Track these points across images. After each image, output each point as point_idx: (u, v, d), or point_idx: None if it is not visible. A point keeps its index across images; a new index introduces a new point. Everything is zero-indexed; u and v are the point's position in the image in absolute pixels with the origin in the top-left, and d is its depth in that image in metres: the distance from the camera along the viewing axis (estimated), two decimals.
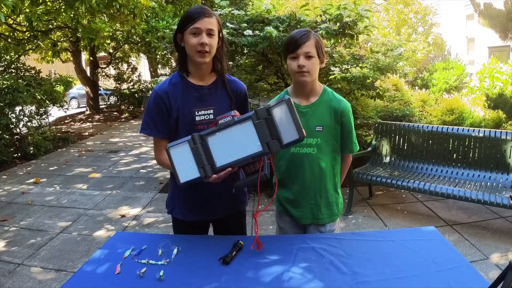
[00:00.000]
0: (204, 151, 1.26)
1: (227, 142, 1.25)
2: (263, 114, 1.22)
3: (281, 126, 1.22)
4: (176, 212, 1.64)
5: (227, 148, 1.26)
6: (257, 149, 1.24)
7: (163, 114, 1.50)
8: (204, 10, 1.45)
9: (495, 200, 2.97)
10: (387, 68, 3.84)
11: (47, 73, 16.17)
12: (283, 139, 1.23)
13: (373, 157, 4.16)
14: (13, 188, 4.80)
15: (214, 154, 1.26)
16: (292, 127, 1.21)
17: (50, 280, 2.63)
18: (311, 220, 1.67)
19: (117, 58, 13.78)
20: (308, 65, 1.52)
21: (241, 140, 1.25)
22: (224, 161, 1.27)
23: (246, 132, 1.23)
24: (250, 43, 3.55)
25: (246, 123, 1.23)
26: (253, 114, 1.23)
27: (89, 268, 1.33)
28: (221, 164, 1.27)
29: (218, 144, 1.26)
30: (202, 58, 1.45)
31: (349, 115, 1.63)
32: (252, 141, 1.24)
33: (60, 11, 6.38)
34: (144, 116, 1.53)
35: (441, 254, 1.37)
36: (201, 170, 1.27)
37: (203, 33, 1.42)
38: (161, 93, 1.50)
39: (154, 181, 5.07)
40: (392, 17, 15.28)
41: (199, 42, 1.42)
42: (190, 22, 1.43)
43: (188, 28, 1.43)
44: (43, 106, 7.39)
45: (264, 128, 1.23)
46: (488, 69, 6.71)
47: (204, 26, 1.42)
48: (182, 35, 1.48)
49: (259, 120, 1.22)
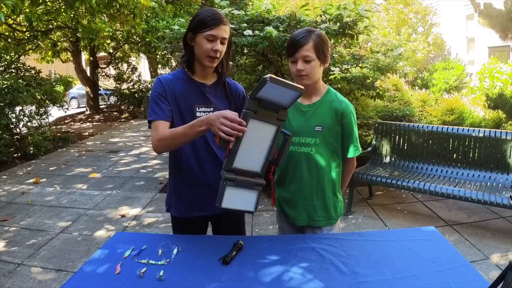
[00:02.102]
0: (242, 173, 1.27)
1: (249, 150, 1.26)
2: (254, 104, 1.22)
3: (276, 98, 1.22)
4: (172, 210, 1.65)
5: (253, 153, 1.28)
6: (273, 131, 1.26)
7: (166, 98, 1.51)
8: (221, 17, 1.47)
9: (495, 200, 2.97)
10: (387, 68, 3.84)
11: (47, 73, 16.18)
12: (284, 105, 1.24)
13: (373, 157, 4.16)
14: (13, 188, 4.80)
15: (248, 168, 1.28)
16: (287, 92, 1.21)
17: (50, 280, 2.63)
18: (307, 222, 1.64)
19: (117, 58, 13.77)
20: (306, 69, 1.51)
21: (257, 137, 1.25)
22: (260, 163, 1.30)
23: (255, 128, 1.24)
24: (250, 43, 3.55)
25: (249, 123, 1.23)
26: (248, 112, 1.22)
27: (89, 268, 1.33)
28: (260, 168, 1.30)
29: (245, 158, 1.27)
30: (211, 63, 1.49)
31: (351, 117, 1.59)
32: (265, 129, 1.25)
33: (60, 11, 6.38)
34: (149, 104, 1.52)
35: (441, 254, 1.37)
36: (254, 188, 1.30)
37: (218, 41, 1.46)
38: (165, 81, 1.53)
39: (154, 181, 5.07)
40: (392, 17, 15.27)
41: (212, 48, 1.45)
42: (207, 27, 1.44)
43: (204, 33, 1.44)
44: (43, 106, 7.39)
45: (264, 113, 1.23)
46: (488, 69, 6.71)
47: (220, 34, 1.45)
48: (193, 36, 1.49)
49: (256, 111, 1.22)
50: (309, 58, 1.50)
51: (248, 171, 1.28)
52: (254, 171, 1.29)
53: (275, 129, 1.25)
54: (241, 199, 1.29)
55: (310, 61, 1.51)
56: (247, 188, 1.28)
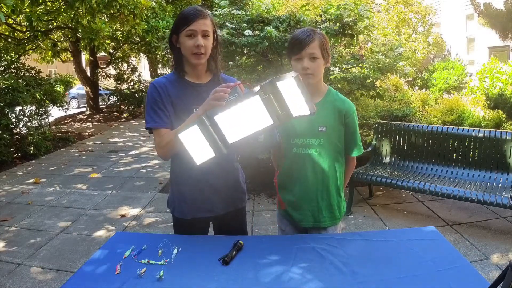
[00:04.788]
0: (214, 130, 1.24)
1: (236, 119, 1.24)
2: (270, 88, 1.20)
3: (290, 100, 1.20)
4: (176, 211, 1.65)
5: (237, 125, 1.25)
6: (267, 123, 1.23)
7: (163, 103, 1.51)
8: (198, 11, 1.46)
9: (495, 200, 2.97)
10: (387, 68, 3.84)
11: (47, 73, 16.17)
12: (292, 112, 1.22)
13: (373, 157, 4.16)
14: (13, 188, 4.80)
15: (224, 132, 1.25)
16: (302, 102, 1.20)
17: (50, 280, 2.63)
18: (312, 224, 1.63)
19: (117, 58, 13.77)
20: (312, 67, 1.50)
21: (250, 116, 1.23)
22: (235, 138, 1.26)
23: (255, 107, 1.22)
24: (250, 43, 3.54)
25: (254, 99, 1.21)
26: (260, 90, 1.21)
27: (89, 268, 1.33)
28: (233, 141, 1.26)
29: (228, 122, 1.24)
30: (197, 59, 1.48)
31: (354, 116, 1.60)
32: (261, 116, 1.22)
33: (60, 11, 6.39)
34: (146, 111, 1.53)
35: (441, 254, 1.37)
36: (215, 149, 1.26)
37: (198, 35, 1.44)
38: (159, 86, 1.52)
39: (154, 181, 5.07)
40: (392, 17, 15.26)
41: (194, 44, 1.44)
42: (185, 24, 1.44)
43: (184, 30, 1.44)
44: (43, 106, 7.39)
45: (272, 102, 1.21)
46: (488, 69, 6.72)
47: (199, 28, 1.44)
48: (177, 37, 1.49)
49: (267, 95, 1.20)
50: (315, 55, 1.50)
51: (222, 135, 1.25)
52: (225, 139, 1.25)
53: (270, 123, 1.23)
54: (197, 146, 1.26)
55: (316, 58, 1.50)
56: (209, 141, 1.24)
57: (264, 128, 1.24)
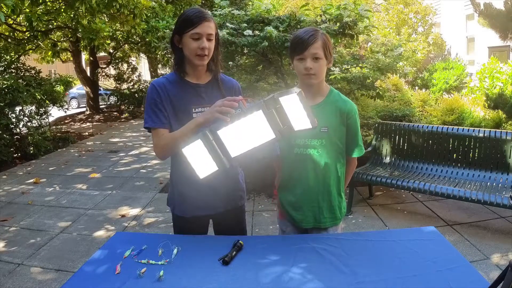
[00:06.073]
0: (217, 145, 1.26)
1: (239, 133, 1.26)
2: (272, 103, 1.22)
3: (292, 114, 1.22)
4: (177, 209, 1.66)
5: (240, 139, 1.26)
6: (270, 137, 1.25)
7: (162, 104, 1.51)
8: (204, 14, 1.47)
9: (495, 200, 2.97)
10: (387, 68, 3.84)
11: (47, 73, 16.16)
12: (294, 127, 1.24)
13: (373, 157, 4.16)
14: (13, 188, 4.80)
15: (227, 146, 1.27)
16: (304, 116, 1.21)
17: (50, 280, 2.63)
18: (313, 224, 1.63)
19: (117, 58, 13.76)
20: (315, 67, 1.49)
21: (253, 130, 1.25)
22: (238, 152, 1.28)
23: (257, 122, 1.23)
24: (250, 43, 3.54)
25: (257, 113, 1.22)
26: (263, 104, 1.22)
27: (89, 268, 1.33)
28: (236, 154, 1.28)
29: (231, 136, 1.26)
30: (201, 61, 1.49)
31: (355, 117, 1.59)
32: (264, 130, 1.24)
33: (60, 11, 6.39)
34: (146, 110, 1.53)
35: (441, 254, 1.37)
36: (218, 163, 1.27)
37: (204, 38, 1.45)
38: (159, 86, 1.52)
39: (154, 181, 5.07)
40: (392, 17, 15.25)
41: (199, 46, 1.45)
42: (190, 26, 1.44)
43: (188, 32, 1.45)
44: (43, 106, 7.39)
45: (275, 117, 1.23)
46: (488, 69, 6.72)
47: (205, 31, 1.45)
48: (180, 37, 1.49)
49: (269, 110, 1.22)
50: (318, 55, 1.48)
51: (225, 148, 1.27)
52: (228, 153, 1.27)
53: (272, 137, 1.25)
54: (201, 160, 1.27)
55: (319, 58, 1.49)
56: (212, 156, 1.26)
57: (266, 142, 1.25)
